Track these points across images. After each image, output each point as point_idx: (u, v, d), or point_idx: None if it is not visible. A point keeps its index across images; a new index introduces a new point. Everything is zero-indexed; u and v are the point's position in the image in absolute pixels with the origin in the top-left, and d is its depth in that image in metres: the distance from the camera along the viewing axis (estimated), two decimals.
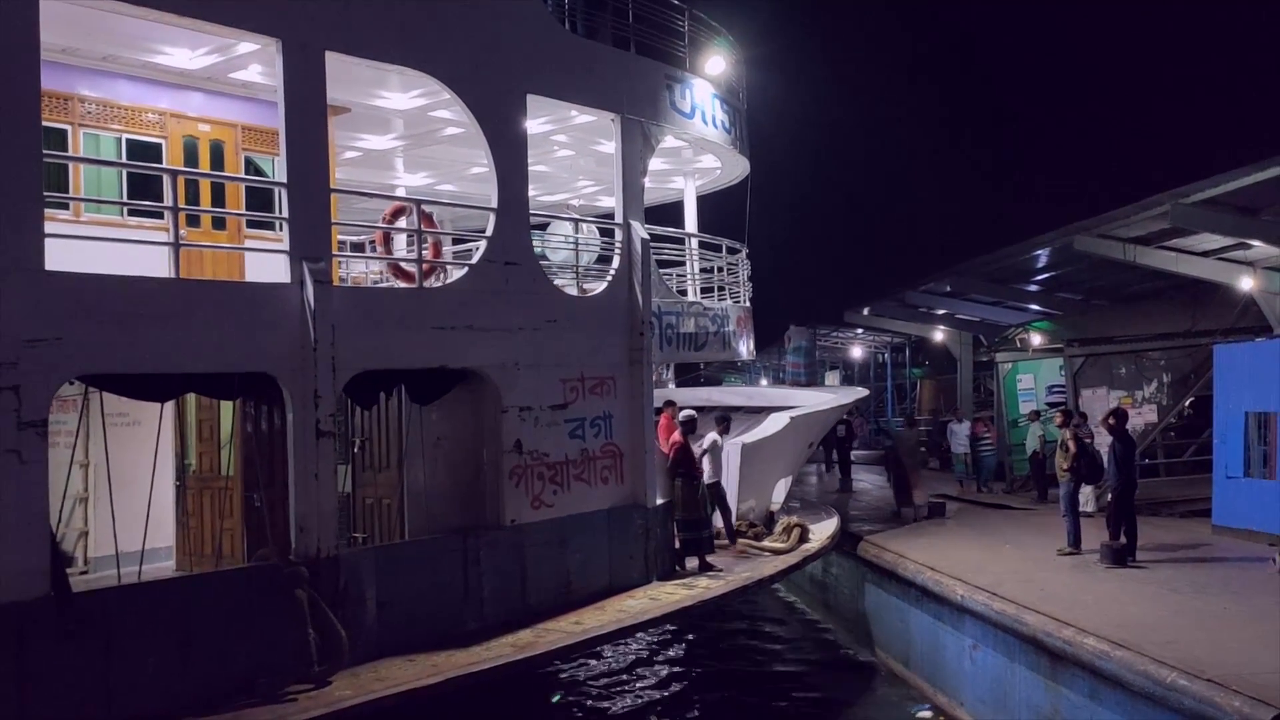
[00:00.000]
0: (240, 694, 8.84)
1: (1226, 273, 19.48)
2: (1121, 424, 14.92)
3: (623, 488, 13.20)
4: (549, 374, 12.30)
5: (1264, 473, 15.45)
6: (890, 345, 45.99)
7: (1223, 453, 16.44)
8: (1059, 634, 10.70)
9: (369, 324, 10.35)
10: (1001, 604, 11.96)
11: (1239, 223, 16.80)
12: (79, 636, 8.22)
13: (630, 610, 11.94)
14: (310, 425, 9.74)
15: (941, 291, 27.36)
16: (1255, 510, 15.64)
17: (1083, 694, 10.38)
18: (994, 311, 29.21)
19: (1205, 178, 15.85)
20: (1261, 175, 14.74)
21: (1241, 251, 18.72)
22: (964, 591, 12.79)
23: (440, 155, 16.43)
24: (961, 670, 12.99)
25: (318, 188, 10.15)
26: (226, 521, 11.95)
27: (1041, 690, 11.13)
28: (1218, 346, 17.45)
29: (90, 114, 11.02)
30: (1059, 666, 10.80)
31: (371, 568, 10.30)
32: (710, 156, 17.27)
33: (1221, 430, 16.59)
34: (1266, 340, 16.75)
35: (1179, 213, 16.67)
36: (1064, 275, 24.59)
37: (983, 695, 12.42)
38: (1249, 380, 16.13)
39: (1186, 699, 8.80)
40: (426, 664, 9.88)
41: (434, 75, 11.34)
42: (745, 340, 16.76)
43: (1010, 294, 26.98)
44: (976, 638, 12.57)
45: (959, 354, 32.22)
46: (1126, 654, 9.74)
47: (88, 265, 8.61)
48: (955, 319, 30.95)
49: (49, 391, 8.21)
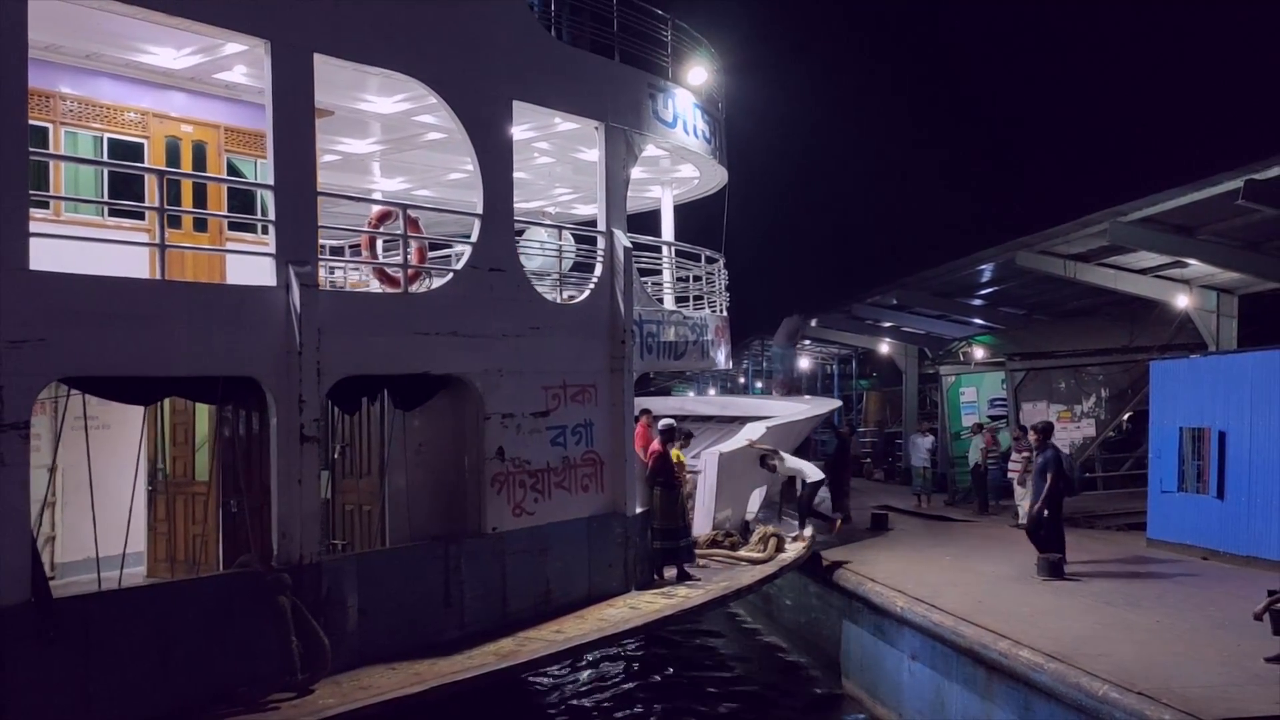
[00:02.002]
0: (221, 702, 8.73)
1: (1163, 290, 19.95)
2: (1046, 437, 14.96)
3: (603, 496, 13.18)
4: (531, 381, 12.26)
5: (1198, 487, 15.67)
6: (837, 357, 46.38)
7: (1158, 467, 16.70)
8: (995, 646, 10.71)
9: (354, 329, 10.26)
10: (940, 616, 11.98)
11: (1175, 241, 17.18)
12: (59, 642, 8.08)
13: (611, 619, 11.91)
14: (294, 430, 9.63)
15: (888, 304, 27.85)
16: (1189, 524, 15.92)
17: (1017, 706, 10.42)
18: (939, 325, 29.73)
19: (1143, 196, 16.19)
20: (1198, 195, 15.08)
21: (1178, 270, 19.21)
22: (904, 604, 12.79)
23: (417, 160, 16.35)
24: (900, 681, 12.99)
25: (304, 191, 10.05)
26: (200, 527, 11.81)
27: (977, 702, 11.15)
28: (1154, 363, 17.68)
29: (71, 112, 10.87)
30: (994, 678, 10.82)
31: (353, 575, 10.20)
32: (689, 166, 17.31)
33: (1157, 445, 16.85)
34: (1201, 357, 17.04)
35: (1117, 231, 17.04)
36: (1007, 290, 25.12)
37: (921, 707, 12.43)
38: (1184, 396, 16.37)
39: (1118, 712, 8.86)
40: (409, 672, 9.79)
41: (421, 80, 11.28)
42: (723, 349, 16.81)
43: (955, 308, 27.51)
44: (914, 649, 12.58)
45: (904, 366, 32.63)
46: (1060, 666, 9.79)
47: (64, 265, 8.46)
48: (901, 331, 31.41)
49: (32, 393, 8.08)
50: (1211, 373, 15.91)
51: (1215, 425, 15.37)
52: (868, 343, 35.03)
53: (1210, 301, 19.35)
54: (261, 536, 9.81)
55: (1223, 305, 19.32)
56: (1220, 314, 19.29)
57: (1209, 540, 15.40)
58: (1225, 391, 15.35)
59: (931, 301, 26.86)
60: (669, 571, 13.90)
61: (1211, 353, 17.89)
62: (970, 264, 22.63)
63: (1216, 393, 15.53)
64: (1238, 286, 18.99)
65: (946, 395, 26.86)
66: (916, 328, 30.46)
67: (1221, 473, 15.25)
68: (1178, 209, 15.77)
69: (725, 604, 13.62)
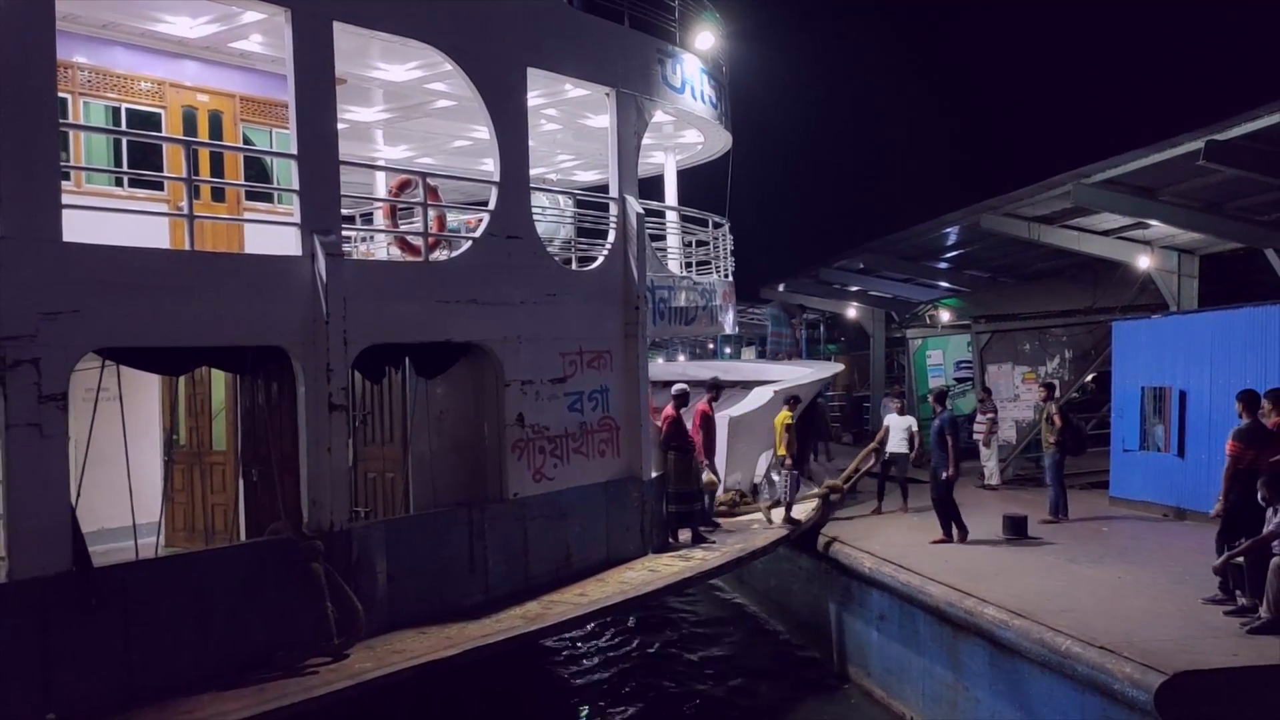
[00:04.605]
0: (259, 667, 8.81)
1: (1126, 251, 20.10)
2: (939, 402, 15.01)
3: (619, 461, 13.30)
4: (548, 348, 12.33)
5: (1159, 446, 15.76)
6: (805, 322, 46.35)
7: (1119, 427, 16.79)
8: (960, 604, 10.84)
9: (378, 297, 10.31)
10: (907, 575, 12.11)
11: (1138, 203, 17.28)
12: (100, 611, 8.17)
13: (632, 581, 12.07)
14: (322, 399, 9.70)
15: (855, 269, 27.93)
16: (1150, 482, 16.03)
17: (982, 662, 10.57)
18: (905, 289, 29.87)
19: (1105, 158, 16.27)
20: (1159, 156, 15.14)
21: (1140, 231, 19.35)
22: (871, 564, 12.92)
23: (418, 128, 16.29)
24: (869, 640, 13.14)
25: (327, 160, 10.05)
26: (218, 497, 11.89)
27: (944, 659, 11.30)
28: (1116, 323, 17.71)
29: (89, 82, 10.80)
30: (960, 636, 10.95)
31: (381, 541, 10.31)
32: (693, 131, 17.31)
33: (1119, 405, 16.95)
34: (1162, 317, 17.12)
35: (1080, 193, 17.12)
36: (972, 253, 25.24)
37: (889, 665, 12.58)
38: (1145, 356, 16.43)
39: (1080, 666, 9.00)
40: (440, 636, 9.93)
41: (437, 47, 11.24)
42: (730, 313, 16.91)
43: (921, 271, 27.65)
44: (883, 609, 12.71)
45: (872, 330, 32.67)
46: (1024, 623, 9.92)
47: (83, 236, 8.44)
48: (868, 296, 31.44)
49: (68, 365, 8.11)
50: (1172, 333, 15.98)
51: (1176, 385, 15.45)
52: (835, 307, 34.94)
53: (1171, 262, 19.48)
54: (291, 504, 9.89)
55: (1184, 266, 19.44)
56: (1181, 274, 19.41)
57: (1170, 498, 15.52)
58: (1185, 351, 15.41)
59: (898, 265, 26.97)
60: (684, 534, 14.06)
61: (1172, 313, 18.00)
62: (935, 227, 22.75)
63: (1177, 353, 15.60)
64: (1199, 247, 19.13)
65: (913, 359, 26.99)
66: (883, 291, 30.53)
67: (1182, 432, 15.31)
68: (1140, 170, 15.85)
69: (742, 565, 13.78)
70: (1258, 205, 16.68)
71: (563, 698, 13.80)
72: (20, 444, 7.82)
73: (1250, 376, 13.32)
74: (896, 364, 33.72)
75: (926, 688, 11.65)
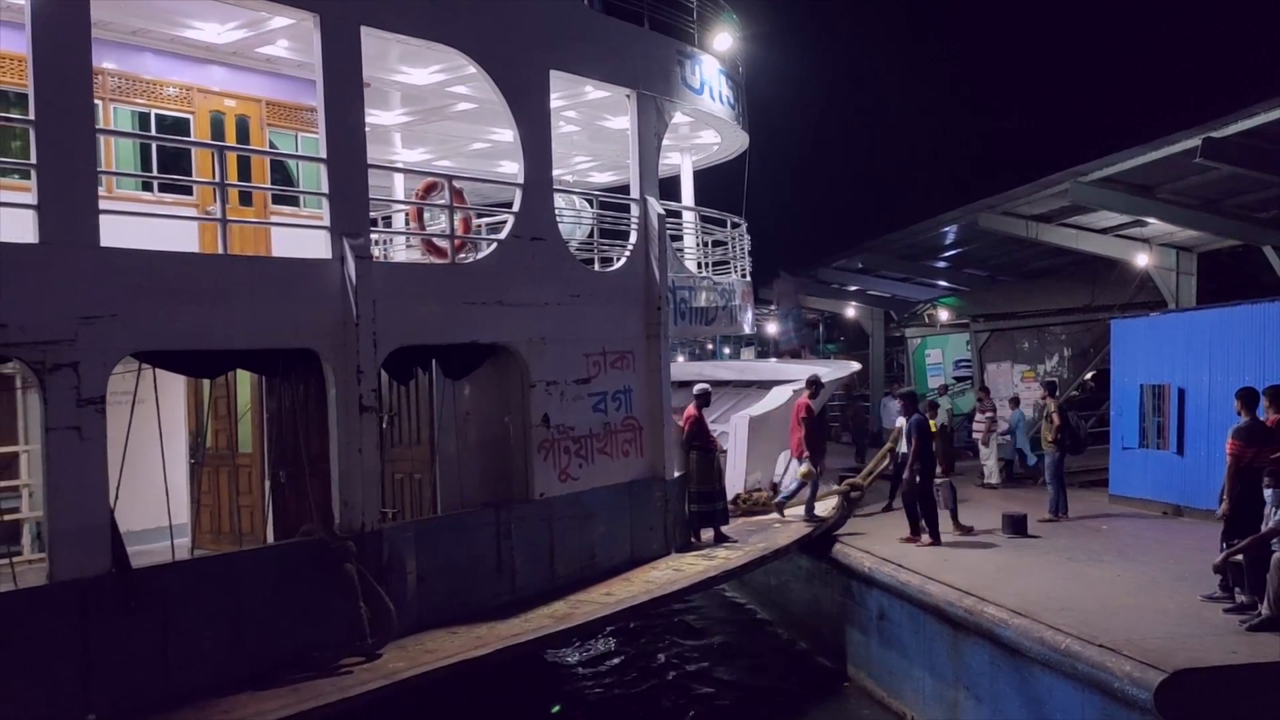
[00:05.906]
0: (294, 667, 8.90)
1: (1124, 249, 20.11)
2: (912, 404, 14.76)
3: (643, 461, 13.37)
4: (573, 348, 12.41)
5: (1158, 444, 15.76)
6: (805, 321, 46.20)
7: (1119, 425, 16.80)
8: (960, 603, 10.84)
9: (406, 300, 10.39)
10: (907, 575, 12.10)
11: (1135, 201, 17.30)
12: (139, 612, 8.25)
13: (657, 581, 12.12)
14: (353, 400, 9.78)
15: (854, 268, 27.89)
16: (1150, 480, 16.04)
17: (983, 661, 10.56)
18: (904, 288, 29.84)
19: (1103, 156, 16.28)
20: (1156, 154, 15.19)
21: (1138, 229, 19.37)
22: (871, 563, 12.91)
23: (434, 131, 16.37)
24: (869, 640, 13.09)
25: (355, 164, 10.14)
26: (245, 499, 11.96)
27: (944, 657, 11.29)
28: (1115, 321, 17.66)
29: (118, 88, 10.90)
30: (960, 635, 10.93)
31: (411, 542, 10.39)
32: (709, 132, 17.36)
33: (1118, 403, 16.94)
34: (1161, 315, 17.12)
35: (1078, 191, 17.16)
36: (970, 252, 25.25)
37: (890, 665, 12.55)
38: (1144, 354, 16.42)
39: (1080, 664, 9.01)
40: (471, 636, 10.00)
41: (463, 50, 11.32)
42: (748, 313, 16.97)
43: (920, 270, 27.66)
44: (883, 608, 12.67)
45: (871, 330, 32.64)
46: (1024, 621, 9.92)
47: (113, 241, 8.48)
48: (867, 295, 31.42)
49: (107, 369, 8.20)
50: (1171, 330, 15.99)
51: (1175, 382, 15.46)
52: (834, 306, 34.98)
53: (1170, 260, 19.51)
54: (322, 505, 9.97)
55: (1182, 263, 19.48)
56: (1180, 272, 19.47)
57: (1169, 495, 15.54)
58: (1184, 349, 15.42)
59: (896, 264, 26.98)
60: (706, 534, 14.12)
61: (1171, 310, 18.01)
62: (934, 226, 22.79)
63: (1176, 350, 15.61)
64: (1197, 244, 19.15)
65: (912, 358, 26.99)
66: (882, 291, 30.54)
67: (1181, 429, 15.34)
68: (1137, 168, 15.88)
69: (765, 564, 13.81)
70: (1255, 202, 16.74)
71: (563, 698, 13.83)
72: (60, 447, 7.91)
73: (1249, 373, 13.38)
74: (896, 363, 33.77)
75: (926, 687, 11.67)
